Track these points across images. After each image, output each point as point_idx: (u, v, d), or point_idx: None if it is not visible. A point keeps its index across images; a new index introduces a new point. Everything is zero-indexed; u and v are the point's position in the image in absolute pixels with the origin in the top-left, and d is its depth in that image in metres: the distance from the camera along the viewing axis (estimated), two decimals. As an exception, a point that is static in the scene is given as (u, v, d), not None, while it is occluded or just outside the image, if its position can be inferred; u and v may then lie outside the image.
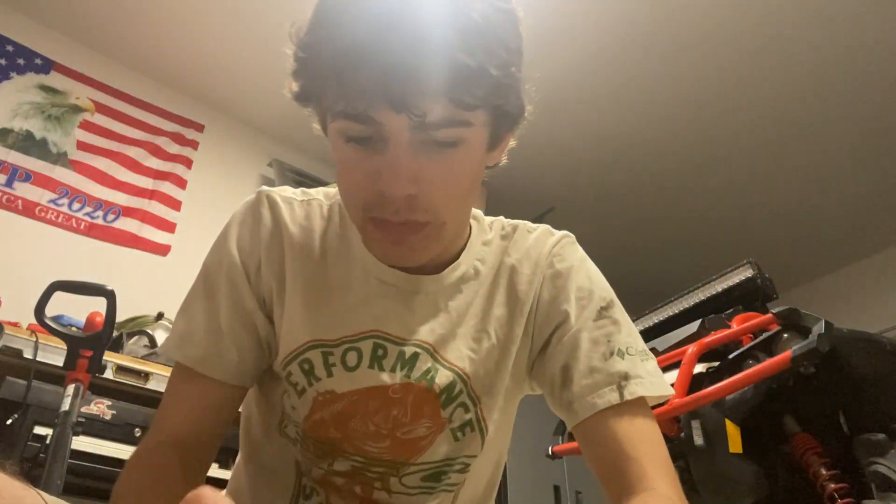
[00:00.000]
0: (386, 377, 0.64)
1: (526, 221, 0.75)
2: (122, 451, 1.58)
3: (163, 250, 2.68)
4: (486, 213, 0.76)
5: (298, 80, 0.56)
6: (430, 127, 0.51)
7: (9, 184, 2.40)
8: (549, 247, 0.72)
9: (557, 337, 0.66)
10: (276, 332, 0.67)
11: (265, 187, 0.71)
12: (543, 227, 0.75)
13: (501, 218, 0.76)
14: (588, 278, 0.70)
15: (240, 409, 0.75)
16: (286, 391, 0.67)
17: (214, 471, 1.56)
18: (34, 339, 1.60)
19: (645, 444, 0.59)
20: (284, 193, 0.71)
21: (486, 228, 0.73)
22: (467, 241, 0.70)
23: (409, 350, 0.65)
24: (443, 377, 0.65)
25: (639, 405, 0.62)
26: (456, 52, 0.48)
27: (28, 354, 1.59)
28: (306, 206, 0.70)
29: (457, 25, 0.49)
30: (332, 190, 0.72)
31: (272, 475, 0.71)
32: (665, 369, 1.40)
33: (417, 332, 0.65)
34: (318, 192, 0.72)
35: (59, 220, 2.48)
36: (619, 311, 0.69)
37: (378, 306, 0.65)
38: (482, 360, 0.66)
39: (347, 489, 0.69)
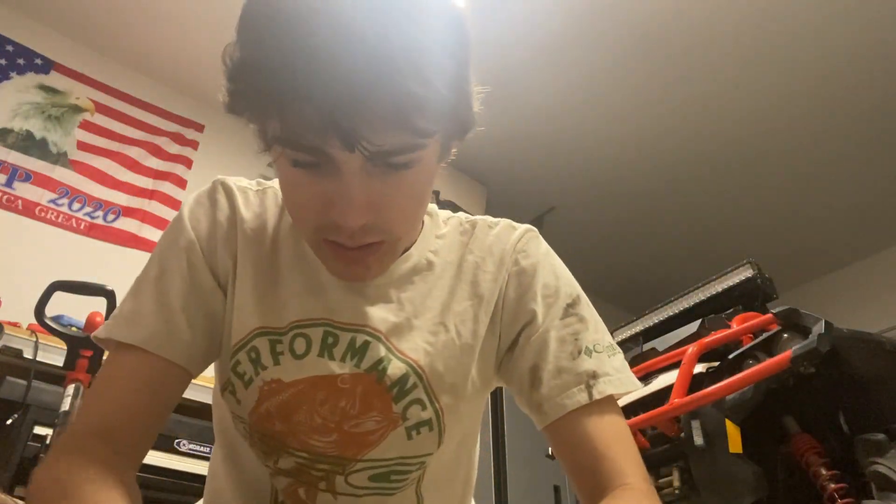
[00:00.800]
0: (335, 366, 0.62)
1: (486, 217, 0.73)
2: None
3: (163, 250, 2.68)
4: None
5: (232, 98, 0.52)
6: (384, 155, 0.49)
7: (9, 184, 2.40)
8: (513, 242, 0.70)
9: (525, 336, 0.66)
10: (227, 319, 0.65)
11: (221, 176, 0.70)
12: (505, 222, 0.73)
13: (460, 214, 0.74)
14: (554, 275, 0.69)
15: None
16: (230, 386, 0.64)
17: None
18: (34, 339, 1.60)
19: (616, 441, 0.60)
20: (240, 183, 0.69)
21: (441, 223, 0.72)
22: (419, 235, 0.69)
23: (360, 338, 0.63)
24: (395, 368, 0.62)
25: (607, 402, 0.63)
26: (407, 79, 0.45)
27: (28, 354, 1.59)
28: (261, 195, 0.69)
29: (404, 50, 0.45)
30: None
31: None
32: (665, 369, 1.40)
33: (369, 318, 0.64)
34: (273, 182, 0.70)
35: (59, 220, 2.48)
36: (586, 307, 0.69)
37: (328, 297, 0.64)
38: (439, 354, 0.64)
39: (289, 493, 0.66)
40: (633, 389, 0.65)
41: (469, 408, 0.68)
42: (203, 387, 1.26)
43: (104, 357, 1.36)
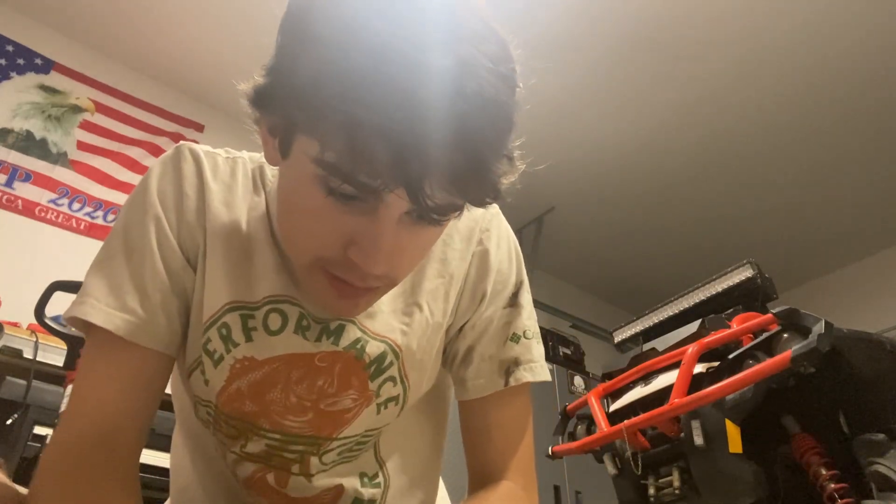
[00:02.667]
0: (311, 344, 0.60)
1: None
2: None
3: (163, 250, 2.68)
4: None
5: (274, 91, 0.49)
6: (431, 211, 0.46)
7: (9, 184, 2.40)
8: (478, 220, 0.69)
9: (472, 321, 0.68)
10: (197, 296, 0.61)
11: (185, 142, 0.66)
12: None
13: None
14: (508, 260, 0.70)
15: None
16: (200, 366, 0.61)
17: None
18: (34, 339, 1.60)
19: (513, 435, 0.65)
20: (206, 149, 0.65)
21: None
22: None
23: (333, 322, 0.62)
24: (373, 347, 0.62)
25: (520, 390, 0.67)
26: (489, 149, 0.44)
27: (28, 354, 1.59)
28: (231, 164, 0.65)
29: (489, 122, 0.43)
30: (257, 155, 0.67)
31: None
32: (665, 369, 1.40)
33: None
34: (242, 153, 0.68)
35: (59, 220, 2.48)
36: (525, 292, 0.71)
37: (297, 285, 0.62)
38: (415, 334, 0.64)
39: (254, 482, 0.64)
40: (546, 380, 0.69)
41: (428, 378, 0.69)
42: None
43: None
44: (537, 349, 0.69)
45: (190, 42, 2.77)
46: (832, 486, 1.08)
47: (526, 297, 0.71)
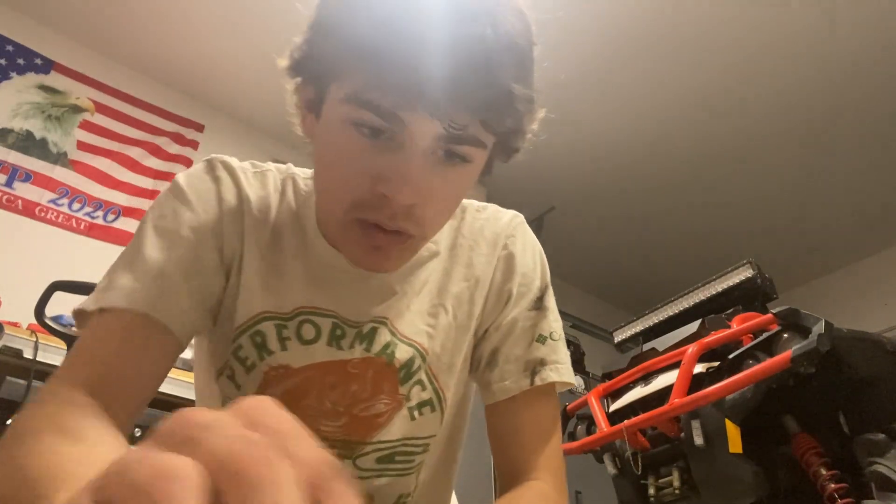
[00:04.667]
0: (345, 352, 0.62)
1: (472, 201, 0.75)
2: (122, 451, 1.58)
3: (163, 250, 2.68)
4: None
5: (310, 51, 0.51)
6: (453, 140, 0.49)
7: (9, 184, 2.40)
8: (503, 226, 0.72)
9: (497, 322, 0.69)
10: (229, 302, 0.62)
11: (216, 155, 0.67)
12: (493, 207, 0.75)
13: None
14: (533, 264, 0.72)
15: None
16: (228, 371, 0.62)
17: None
18: (34, 339, 1.60)
19: (541, 435, 0.64)
20: (236, 162, 0.67)
21: None
22: None
23: (366, 326, 0.63)
24: (402, 352, 0.64)
25: (546, 390, 0.66)
26: (503, 74, 0.46)
27: (28, 354, 1.59)
28: (260, 177, 0.67)
29: (507, 48, 0.47)
30: (283, 166, 0.70)
31: None
32: (665, 369, 1.40)
33: (372, 312, 0.64)
34: (269, 165, 0.69)
35: (59, 220, 2.48)
36: (550, 296, 0.72)
37: (335, 292, 0.64)
38: (439, 336, 0.66)
39: None
40: (572, 384, 0.68)
41: (460, 384, 0.70)
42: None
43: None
44: (563, 352, 0.69)
45: (190, 42, 2.77)
46: (832, 485, 1.08)
47: (551, 302, 0.71)
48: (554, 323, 0.70)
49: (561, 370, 0.67)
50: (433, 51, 0.44)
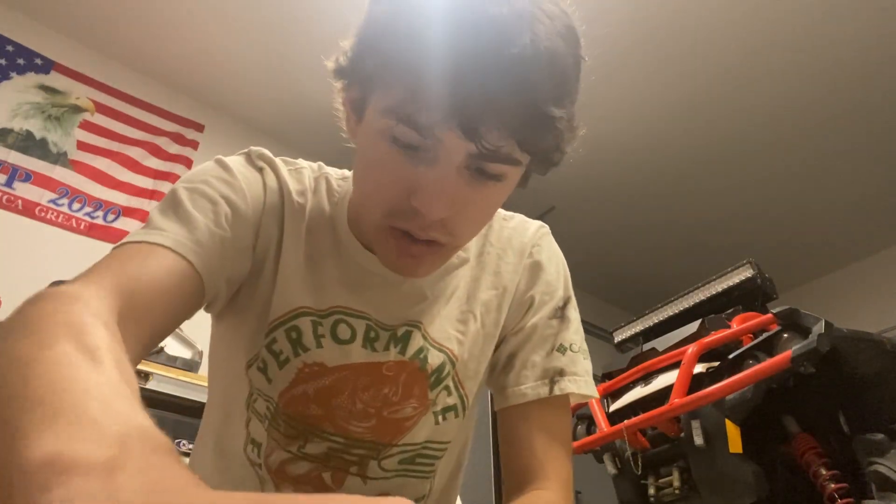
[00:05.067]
0: (380, 354, 0.63)
1: (499, 209, 0.75)
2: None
3: (163, 250, 2.68)
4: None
5: (358, 57, 0.52)
6: (487, 158, 0.49)
7: (9, 184, 2.40)
8: (530, 236, 0.73)
9: (517, 327, 0.69)
10: (264, 293, 0.61)
11: (254, 147, 0.66)
12: (520, 217, 0.76)
13: None
14: (557, 274, 0.72)
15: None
16: (260, 362, 0.62)
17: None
18: (34, 339, 1.60)
19: (553, 444, 0.64)
20: (272, 156, 0.67)
21: None
22: None
23: (400, 329, 0.64)
24: (434, 357, 0.65)
25: (562, 401, 0.66)
26: (540, 97, 0.47)
27: (28, 354, 1.59)
28: (296, 173, 0.67)
29: (546, 68, 0.46)
30: (315, 164, 0.70)
31: (240, 478, 0.67)
32: (665, 369, 1.40)
33: (404, 316, 0.65)
34: (302, 163, 0.69)
35: (59, 220, 2.48)
36: (573, 308, 0.72)
37: (368, 295, 0.64)
38: (468, 343, 0.67)
39: (308, 479, 0.65)
40: (592, 396, 0.68)
41: (477, 391, 0.71)
42: (204, 387, 1.25)
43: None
44: (584, 364, 0.68)
45: (190, 42, 2.77)
46: (832, 485, 1.08)
47: (574, 314, 0.71)
48: (575, 335, 0.69)
49: (580, 382, 0.66)
50: (471, 70, 0.44)
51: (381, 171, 0.53)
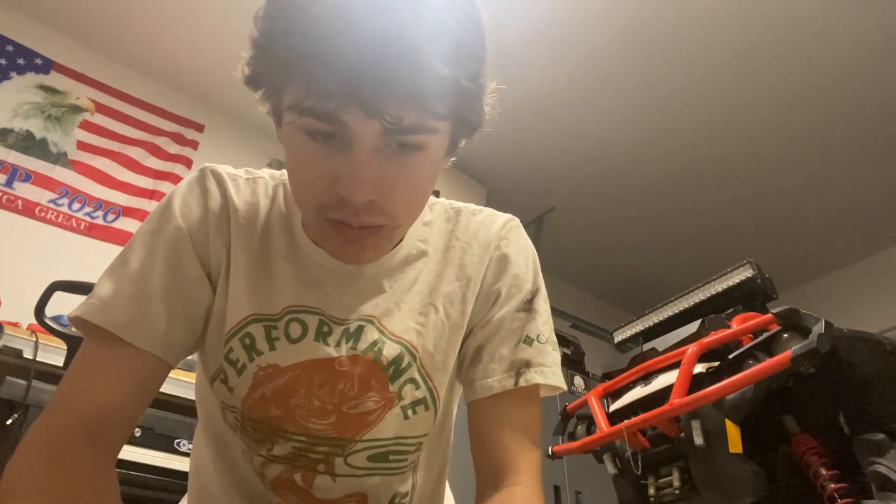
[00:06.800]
0: (332, 350, 0.63)
1: (469, 204, 0.76)
2: (122, 452, 1.58)
3: (163, 250, 2.68)
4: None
5: (255, 67, 0.54)
6: (398, 132, 0.49)
7: (9, 184, 2.40)
8: (497, 229, 0.73)
9: (484, 320, 0.69)
10: (219, 308, 0.64)
11: (209, 164, 0.69)
12: (489, 210, 0.76)
13: (443, 200, 0.76)
14: (526, 267, 0.72)
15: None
16: (221, 374, 0.64)
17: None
18: (34, 339, 1.60)
19: (521, 436, 0.64)
20: (229, 170, 0.69)
21: (427, 209, 0.73)
22: None
23: (353, 325, 0.64)
24: (390, 349, 0.64)
25: (530, 392, 0.66)
26: (431, 59, 0.47)
27: (28, 354, 1.59)
28: (252, 184, 0.69)
29: (432, 32, 0.47)
30: (277, 172, 0.72)
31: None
32: (665, 369, 1.40)
33: (360, 310, 0.65)
34: (262, 172, 0.71)
35: (59, 220, 2.48)
36: (542, 300, 0.71)
37: (322, 290, 0.65)
38: (430, 334, 0.66)
39: (282, 482, 0.66)
40: (560, 387, 0.68)
41: (451, 384, 0.70)
42: (203, 387, 1.25)
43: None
44: (552, 355, 0.68)
45: (190, 42, 2.77)
46: (832, 486, 1.08)
47: (542, 305, 0.71)
48: (543, 326, 0.69)
49: (546, 373, 0.66)
50: (357, 48, 0.45)
51: (304, 167, 0.54)
